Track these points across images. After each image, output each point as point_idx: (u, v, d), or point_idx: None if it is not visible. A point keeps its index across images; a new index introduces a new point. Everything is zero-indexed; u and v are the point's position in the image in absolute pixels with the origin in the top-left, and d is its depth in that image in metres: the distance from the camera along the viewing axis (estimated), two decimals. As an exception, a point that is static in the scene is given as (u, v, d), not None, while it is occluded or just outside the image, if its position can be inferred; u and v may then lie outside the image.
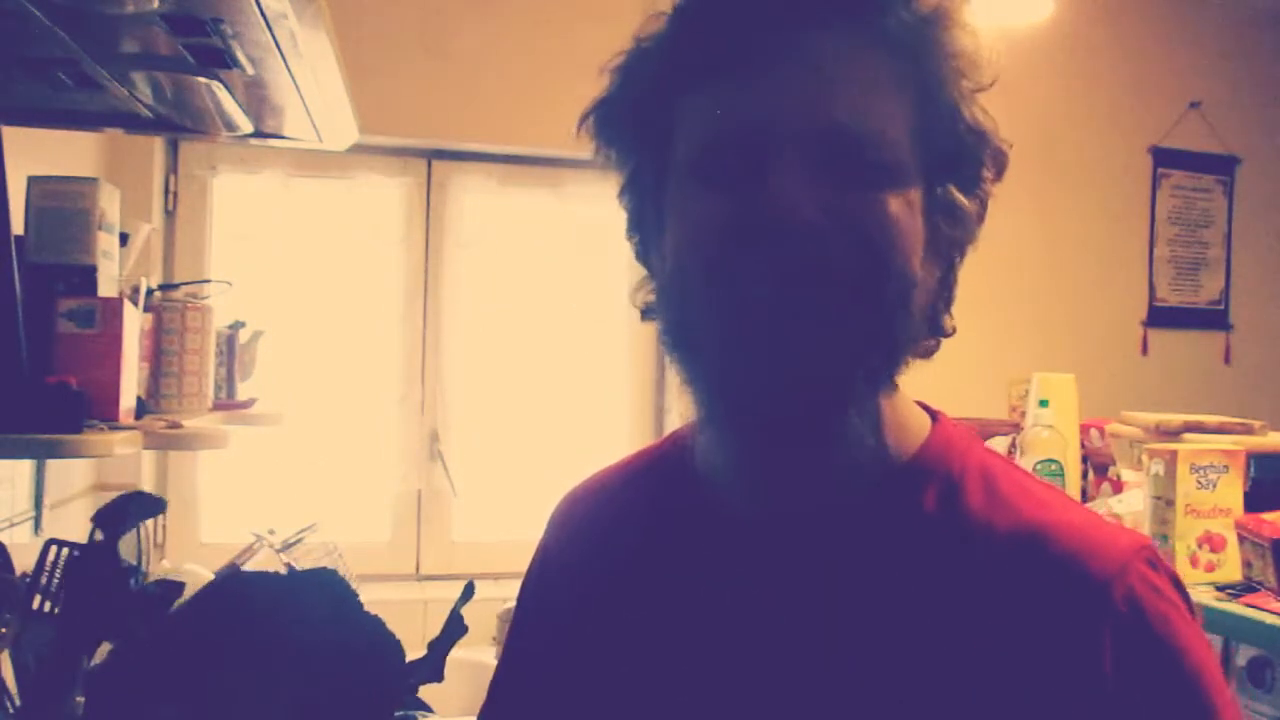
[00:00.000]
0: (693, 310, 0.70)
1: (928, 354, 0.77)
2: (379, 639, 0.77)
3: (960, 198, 0.72)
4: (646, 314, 0.78)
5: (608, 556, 0.82)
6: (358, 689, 0.75)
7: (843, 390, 0.67)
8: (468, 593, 0.89)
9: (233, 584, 0.78)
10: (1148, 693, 0.64)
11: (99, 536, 0.90)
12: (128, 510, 0.84)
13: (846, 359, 0.67)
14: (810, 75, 0.66)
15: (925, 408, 0.79)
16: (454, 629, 0.83)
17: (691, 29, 0.71)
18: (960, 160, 0.72)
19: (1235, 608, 1.59)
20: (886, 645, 0.67)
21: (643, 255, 0.78)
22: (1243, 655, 1.65)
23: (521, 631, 0.90)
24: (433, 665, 0.79)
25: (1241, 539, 1.69)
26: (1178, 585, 0.70)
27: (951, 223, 0.72)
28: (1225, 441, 1.89)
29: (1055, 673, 0.64)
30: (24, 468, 1.86)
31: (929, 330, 0.75)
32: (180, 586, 0.89)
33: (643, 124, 0.73)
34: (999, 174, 0.76)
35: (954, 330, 0.77)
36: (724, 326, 0.68)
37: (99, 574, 0.80)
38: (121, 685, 0.74)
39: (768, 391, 0.67)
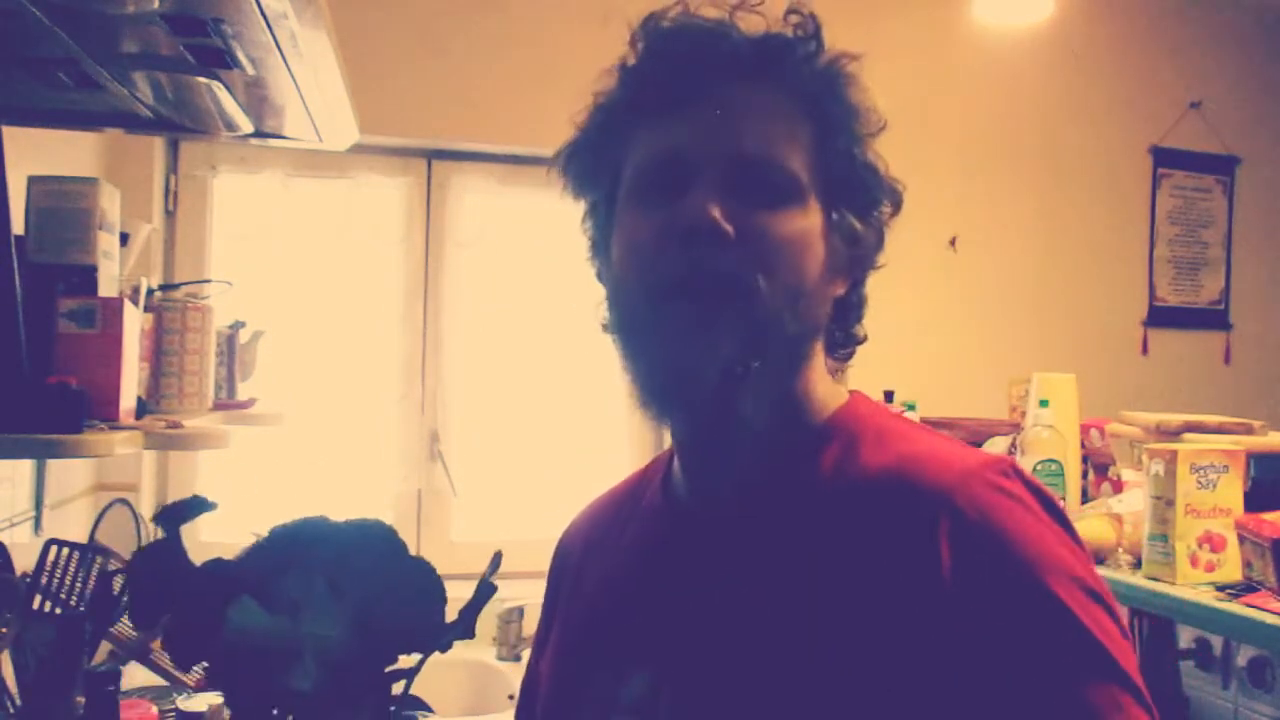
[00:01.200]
0: (628, 307, 0.83)
1: (844, 359, 0.89)
2: (427, 577, 0.86)
3: (856, 223, 0.84)
4: (606, 328, 0.89)
5: (601, 561, 0.94)
6: (410, 613, 0.83)
7: (738, 364, 0.78)
8: (496, 561, 0.95)
9: (296, 523, 0.85)
10: (980, 571, 0.71)
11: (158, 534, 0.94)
12: (187, 510, 0.90)
13: (742, 338, 0.78)
14: (725, 115, 0.81)
15: (853, 393, 0.89)
16: (484, 592, 0.90)
17: (633, 83, 0.85)
18: (855, 191, 0.84)
19: (1235, 608, 1.59)
20: (790, 589, 0.76)
21: (600, 276, 0.91)
22: (1243, 655, 1.65)
23: (541, 638, 1.00)
24: (465, 624, 0.87)
25: (1241, 539, 1.69)
26: (1038, 493, 0.76)
27: (850, 244, 0.84)
28: (1225, 441, 1.89)
29: (904, 574, 0.72)
30: (24, 468, 1.86)
31: (842, 337, 0.88)
32: (230, 563, 0.92)
33: (598, 164, 0.88)
34: (895, 209, 0.87)
35: (865, 338, 0.90)
36: (647, 314, 0.80)
37: (166, 564, 0.85)
38: (200, 594, 0.80)
39: (679, 370, 0.79)
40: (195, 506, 0.90)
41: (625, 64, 0.86)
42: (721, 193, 0.78)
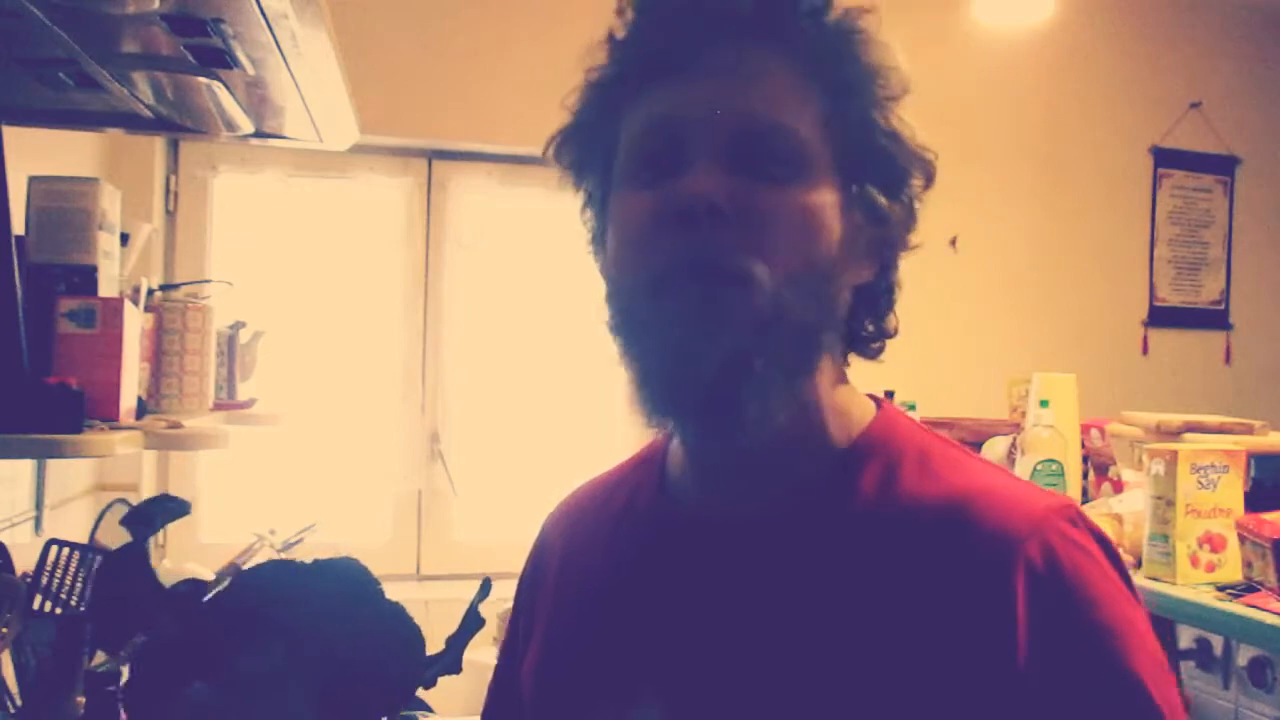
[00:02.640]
0: (624, 301, 0.75)
1: (873, 354, 0.81)
2: (400, 626, 0.81)
3: (880, 199, 0.76)
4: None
5: (586, 559, 0.86)
6: (380, 672, 0.78)
7: (745, 363, 0.70)
8: (485, 589, 0.91)
9: (261, 573, 0.81)
10: (1059, 639, 0.66)
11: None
12: (154, 512, 0.87)
13: (748, 332, 0.70)
14: (725, 81, 0.73)
15: (874, 398, 0.82)
16: (471, 623, 0.86)
17: (628, 50, 0.78)
18: (877, 162, 0.76)
19: (1235, 608, 1.59)
20: (826, 630, 0.70)
21: (601, 268, 0.83)
22: (1243, 655, 1.65)
23: (514, 633, 0.93)
24: (451, 657, 0.82)
25: (1242, 539, 1.69)
26: (1102, 543, 0.72)
27: (874, 222, 0.76)
28: (1226, 441, 1.89)
29: (973, 628, 0.66)
30: (24, 468, 1.85)
31: (874, 331, 0.80)
32: (205, 585, 0.91)
33: (592, 145, 0.80)
34: (928, 181, 0.79)
35: (897, 331, 0.81)
36: (643, 308, 0.73)
37: (130, 573, 0.83)
38: (156, 666, 0.77)
39: (677, 369, 0.71)
40: (166, 511, 0.88)
41: (613, 34, 0.78)
42: (720, 168, 0.71)
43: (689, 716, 0.73)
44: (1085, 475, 2.16)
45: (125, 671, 1.13)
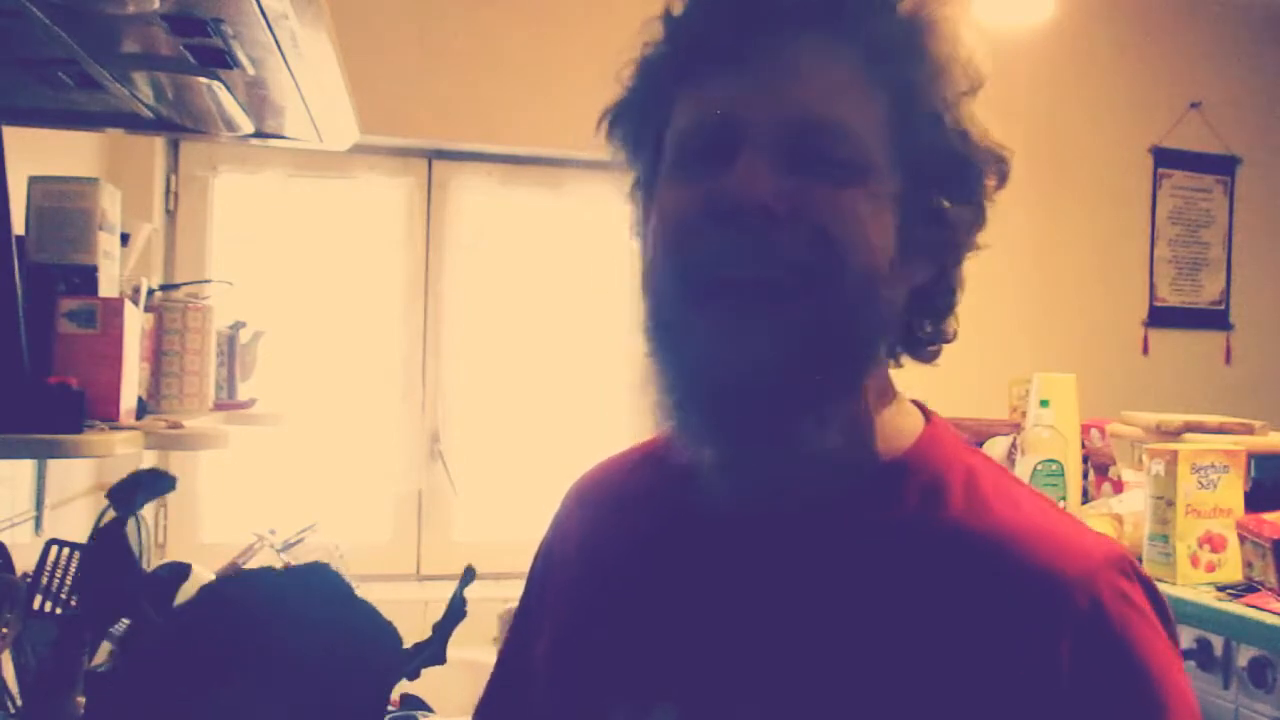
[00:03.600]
0: (663, 303, 0.71)
1: (929, 358, 0.78)
2: (372, 625, 0.79)
3: (944, 201, 0.72)
4: None
5: (606, 546, 0.83)
6: (353, 676, 0.77)
7: (795, 381, 0.67)
8: (468, 576, 0.90)
9: (224, 589, 0.79)
10: (1102, 694, 0.64)
11: (111, 515, 0.92)
12: (138, 488, 0.87)
13: (799, 348, 0.67)
14: (784, 72, 0.69)
15: (922, 409, 0.79)
16: (455, 611, 0.85)
17: (682, 32, 0.73)
18: (944, 164, 0.72)
19: (1235, 608, 1.59)
20: (855, 642, 0.68)
21: (641, 255, 0.79)
22: (1243, 655, 1.65)
23: (526, 613, 0.91)
24: (435, 647, 0.81)
25: (1242, 539, 1.69)
26: (1152, 596, 0.69)
27: (935, 226, 0.72)
28: (1226, 441, 1.89)
29: (1016, 672, 0.64)
30: (24, 468, 1.85)
31: (931, 334, 0.77)
32: (186, 568, 0.91)
33: (643, 126, 0.76)
34: (1001, 181, 0.76)
35: (955, 335, 0.78)
36: (683, 316, 0.69)
37: (113, 552, 0.82)
38: (119, 699, 0.76)
39: (718, 380, 0.68)
40: (147, 488, 0.86)
41: (670, 12, 0.74)
42: (773, 165, 0.67)
43: (706, 718, 0.70)
44: (1085, 475, 2.16)
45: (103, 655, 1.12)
